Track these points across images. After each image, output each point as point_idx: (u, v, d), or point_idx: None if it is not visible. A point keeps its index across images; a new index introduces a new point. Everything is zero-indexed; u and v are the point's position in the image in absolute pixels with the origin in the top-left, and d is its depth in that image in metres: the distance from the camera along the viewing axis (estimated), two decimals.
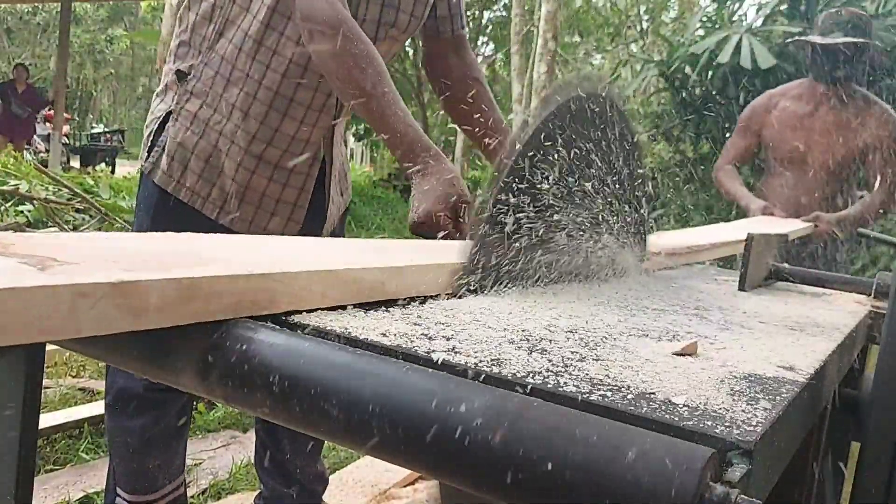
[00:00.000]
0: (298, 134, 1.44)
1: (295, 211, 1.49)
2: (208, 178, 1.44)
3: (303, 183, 1.48)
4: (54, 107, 10.82)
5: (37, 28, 22.60)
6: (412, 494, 2.26)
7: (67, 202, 5.44)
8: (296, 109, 1.42)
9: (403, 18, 1.46)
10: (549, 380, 0.49)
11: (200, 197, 1.45)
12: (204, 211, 1.45)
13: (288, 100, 1.41)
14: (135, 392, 1.46)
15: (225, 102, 1.41)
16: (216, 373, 0.51)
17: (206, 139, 1.43)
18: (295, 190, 1.48)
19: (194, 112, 1.43)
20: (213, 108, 1.42)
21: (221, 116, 1.42)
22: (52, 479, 2.15)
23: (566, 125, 0.82)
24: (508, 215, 0.78)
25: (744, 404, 0.48)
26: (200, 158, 1.43)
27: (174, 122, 1.44)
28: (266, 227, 1.47)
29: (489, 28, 16.06)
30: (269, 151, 1.43)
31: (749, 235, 1.08)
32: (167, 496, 1.55)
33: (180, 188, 1.44)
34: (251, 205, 1.46)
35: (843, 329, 0.82)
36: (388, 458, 0.46)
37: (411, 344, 0.54)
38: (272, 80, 1.39)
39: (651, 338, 0.66)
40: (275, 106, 1.41)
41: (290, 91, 1.40)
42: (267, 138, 1.42)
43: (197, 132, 1.43)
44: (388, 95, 1.19)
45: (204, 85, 1.42)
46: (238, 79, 1.40)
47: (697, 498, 0.36)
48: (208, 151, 1.43)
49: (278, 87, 1.40)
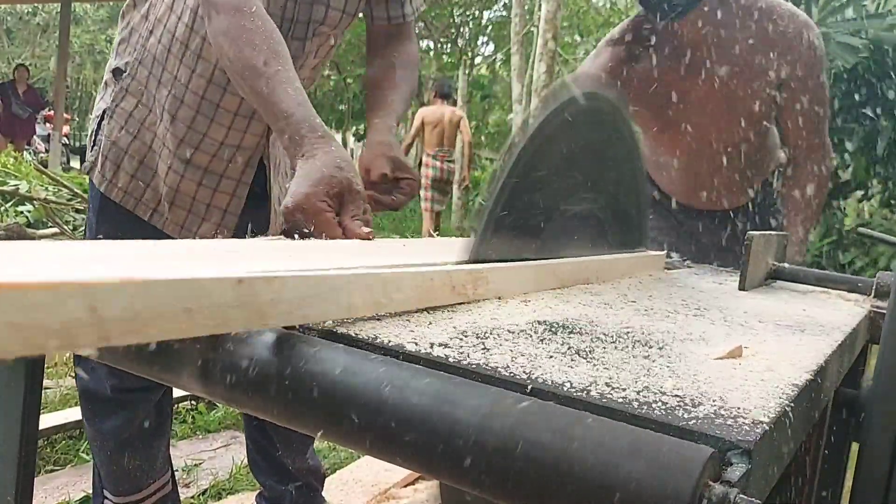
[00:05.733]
0: (227, 139, 1.37)
1: (226, 217, 1.42)
2: (142, 178, 1.40)
3: (234, 189, 1.41)
4: (54, 107, 10.81)
5: (37, 28, 22.59)
6: (412, 494, 2.26)
7: (67, 202, 5.43)
8: (223, 115, 1.35)
9: (334, 15, 1.39)
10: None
11: (133, 198, 1.40)
12: (136, 212, 1.41)
13: (215, 105, 1.35)
14: (102, 394, 1.44)
15: (157, 103, 1.38)
16: (274, 389, 0.50)
17: (141, 139, 1.39)
18: (226, 196, 1.41)
19: (129, 111, 1.39)
20: (147, 107, 1.39)
21: (155, 117, 1.38)
22: (53, 479, 2.15)
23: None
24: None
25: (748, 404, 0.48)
26: (134, 158, 1.39)
27: (109, 120, 1.40)
28: (197, 232, 1.41)
29: (489, 28, 16.07)
30: (197, 156, 1.37)
31: (749, 235, 1.08)
32: (154, 495, 1.54)
33: (112, 188, 1.40)
34: (182, 209, 1.40)
35: (844, 329, 0.82)
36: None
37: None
38: (198, 84, 1.34)
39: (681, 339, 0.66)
40: (201, 111, 1.35)
41: (216, 97, 1.34)
42: (195, 143, 1.36)
43: (131, 131, 1.39)
44: (282, 74, 1.07)
45: (139, 83, 1.39)
46: (167, 80, 1.36)
47: (696, 497, 0.36)
48: (143, 152, 1.39)
49: (204, 92, 1.34)
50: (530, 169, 0.80)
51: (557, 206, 0.87)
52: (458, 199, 10.91)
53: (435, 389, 0.45)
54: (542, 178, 0.82)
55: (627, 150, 1.00)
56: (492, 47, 16.90)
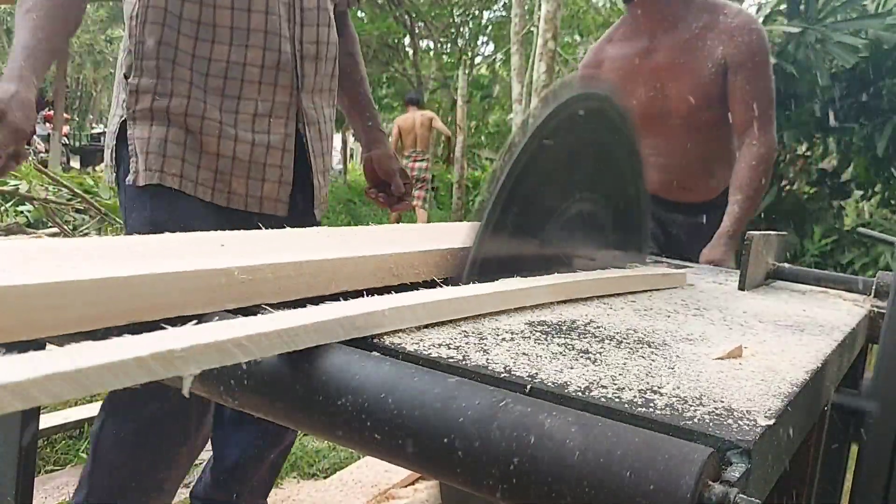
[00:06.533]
0: (261, 94, 1.43)
1: (284, 173, 1.48)
2: (191, 160, 1.41)
3: (282, 142, 1.47)
4: (54, 107, 10.81)
5: None
6: (412, 495, 2.26)
7: (67, 202, 5.44)
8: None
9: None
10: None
11: (191, 181, 1.41)
12: (197, 194, 1.41)
13: (241, 65, 1.41)
14: None
15: (178, 85, 1.40)
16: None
17: (174, 127, 1.40)
18: (278, 151, 1.47)
19: (149, 107, 1.39)
20: (166, 95, 1.40)
21: (181, 101, 1.40)
22: (53, 479, 2.15)
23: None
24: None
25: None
26: (177, 144, 1.40)
27: (133, 125, 1.40)
28: (262, 196, 1.46)
29: (489, 28, 16.06)
30: (241, 115, 1.42)
31: (749, 235, 1.08)
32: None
33: (166, 177, 1.40)
34: (240, 177, 1.44)
35: (844, 329, 0.82)
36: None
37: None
38: (220, 52, 1.39)
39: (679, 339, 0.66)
40: (230, 75, 1.41)
41: (240, 57, 1.41)
42: (233, 107, 1.42)
43: (162, 122, 1.40)
44: (36, 20, 1.25)
45: (148, 78, 1.39)
46: (183, 60, 1.39)
47: (696, 497, 0.36)
48: (181, 137, 1.41)
49: (228, 56, 1.40)
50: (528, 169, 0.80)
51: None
52: (458, 200, 10.91)
53: (435, 389, 0.45)
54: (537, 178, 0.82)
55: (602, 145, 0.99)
56: (492, 47, 16.89)
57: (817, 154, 6.71)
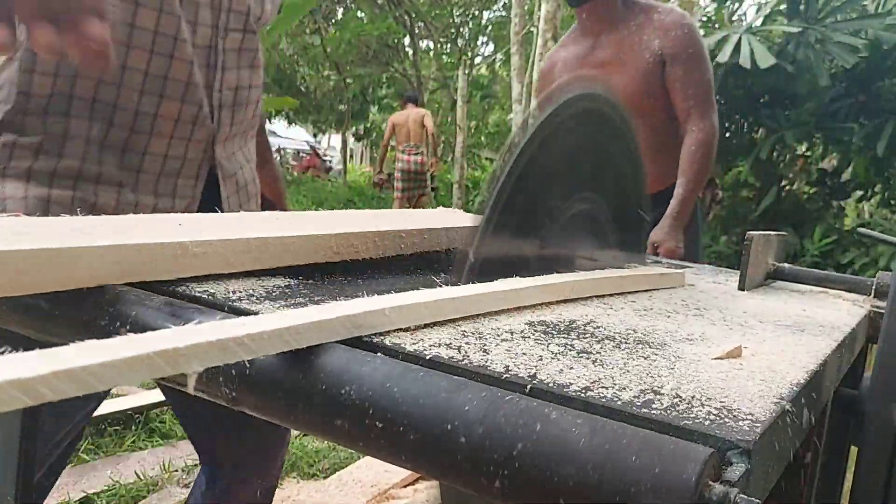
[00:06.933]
0: (171, 150, 1.23)
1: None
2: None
3: (186, 209, 1.28)
4: None
5: None
6: (412, 495, 2.26)
7: None
8: (162, 124, 1.21)
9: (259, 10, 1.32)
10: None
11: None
12: None
13: (151, 116, 1.20)
14: None
15: (70, 143, 1.16)
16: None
17: (58, 189, 1.16)
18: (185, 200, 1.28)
19: (28, 167, 1.14)
20: (54, 155, 1.15)
21: (72, 161, 1.16)
22: None
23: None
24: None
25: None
26: (62, 206, 1.16)
27: (2, 182, 1.14)
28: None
29: (489, 28, 16.06)
30: (143, 175, 1.22)
31: (749, 235, 1.08)
32: None
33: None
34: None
35: (844, 329, 0.82)
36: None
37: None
38: (127, 99, 1.17)
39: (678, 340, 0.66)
40: (137, 128, 1.19)
41: (152, 107, 1.20)
42: (135, 165, 1.21)
43: (43, 184, 1.15)
44: None
45: (31, 137, 1.14)
46: (81, 110, 1.16)
47: (696, 497, 0.36)
48: (67, 199, 1.16)
49: (137, 105, 1.18)
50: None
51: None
52: (458, 199, 10.92)
53: (441, 382, 0.46)
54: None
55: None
56: (492, 47, 16.89)
57: (817, 154, 6.71)
